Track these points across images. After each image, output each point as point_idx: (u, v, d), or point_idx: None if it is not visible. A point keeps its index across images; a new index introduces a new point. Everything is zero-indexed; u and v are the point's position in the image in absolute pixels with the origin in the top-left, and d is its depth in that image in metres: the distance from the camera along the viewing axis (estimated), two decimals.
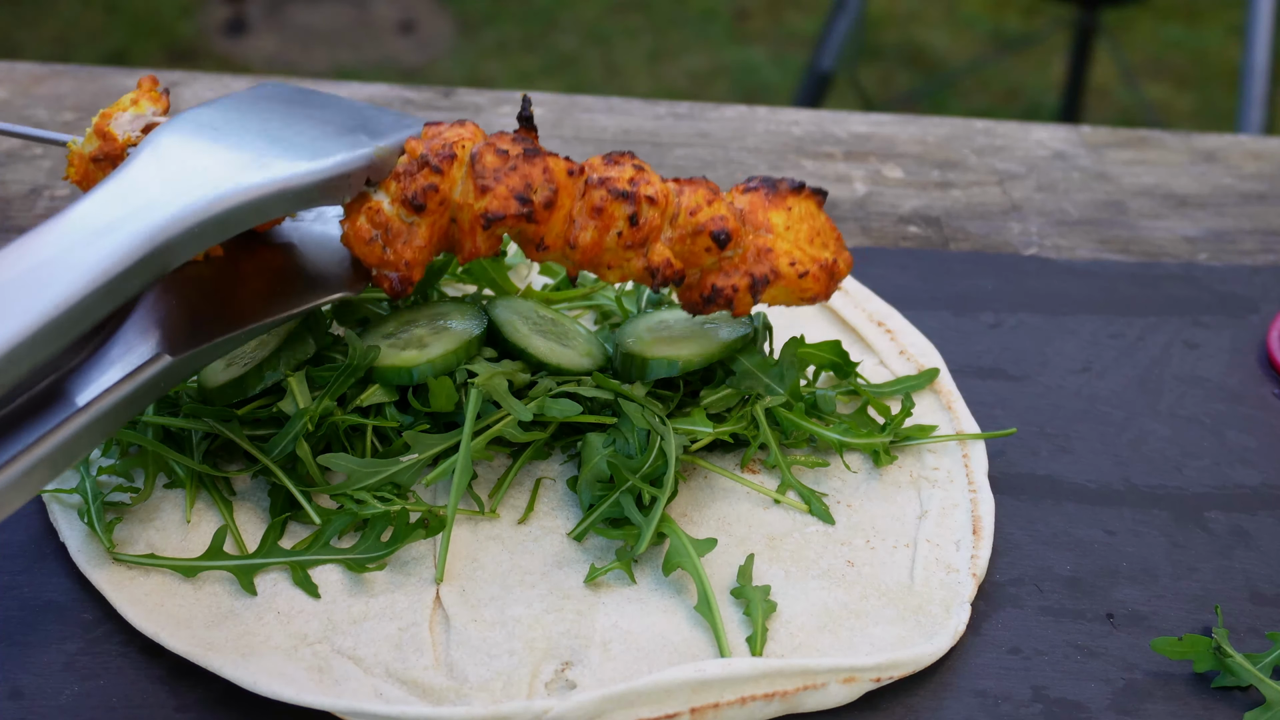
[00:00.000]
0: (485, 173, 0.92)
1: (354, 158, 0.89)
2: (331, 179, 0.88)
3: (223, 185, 0.83)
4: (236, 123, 0.90)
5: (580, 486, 0.95)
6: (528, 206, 0.92)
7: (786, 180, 1.00)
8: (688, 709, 0.83)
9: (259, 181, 0.84)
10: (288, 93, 0.97)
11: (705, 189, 0.96)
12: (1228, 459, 1.08)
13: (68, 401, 0.80)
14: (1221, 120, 3.48)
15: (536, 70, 3.54)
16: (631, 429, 0.95)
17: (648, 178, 0.94)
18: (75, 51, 3.41)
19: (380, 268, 0.93)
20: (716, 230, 0.95)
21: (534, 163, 0.92)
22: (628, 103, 1.46)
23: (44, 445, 0.77)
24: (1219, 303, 1.24)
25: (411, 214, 0.91)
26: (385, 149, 0.91)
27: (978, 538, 0.96)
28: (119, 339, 0.85)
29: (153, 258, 0.78)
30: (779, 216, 0.99)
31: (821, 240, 1.00)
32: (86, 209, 0.79)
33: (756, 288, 0.97)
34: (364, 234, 0.92)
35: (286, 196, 0.86)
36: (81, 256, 0.76)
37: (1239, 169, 1.45)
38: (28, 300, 0.73)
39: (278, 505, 0.93)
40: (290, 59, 3.49)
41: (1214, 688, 0.90)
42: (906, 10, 3.93)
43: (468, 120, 0.95)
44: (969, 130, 1.47)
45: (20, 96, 1.37)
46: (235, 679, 0.82)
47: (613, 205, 0.93)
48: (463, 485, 0.91)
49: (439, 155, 0.91)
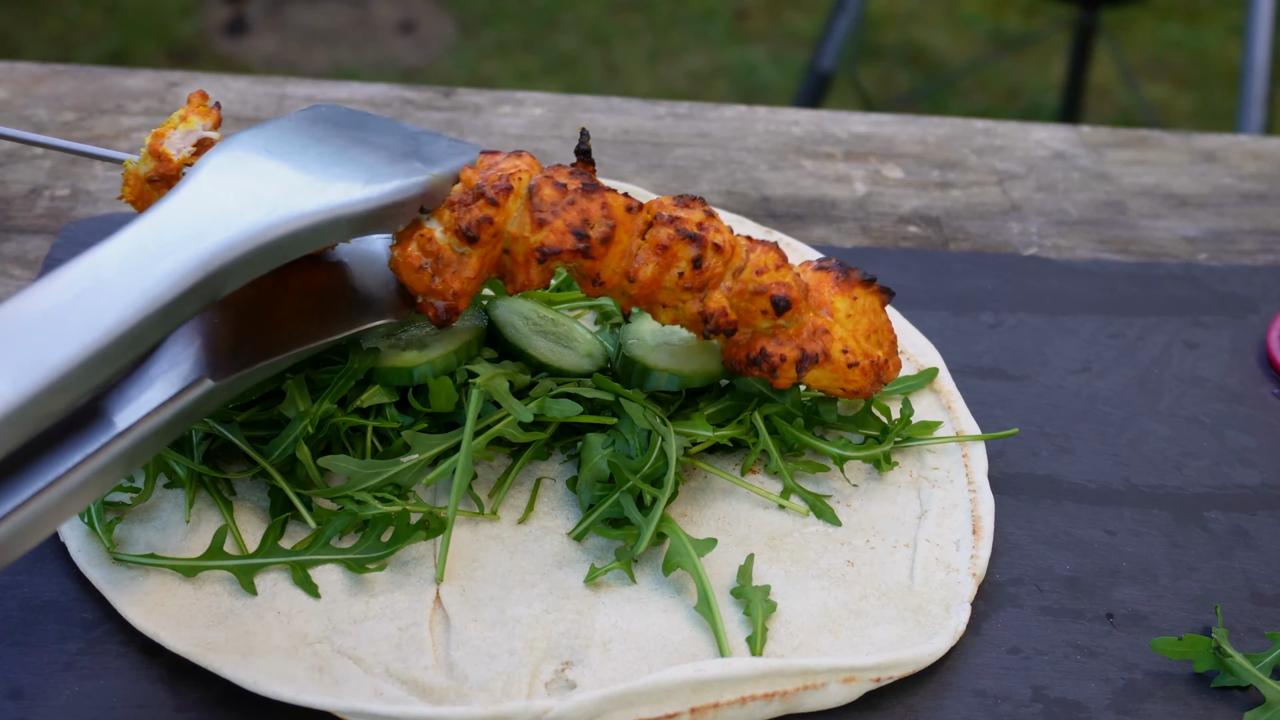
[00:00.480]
0: (543, 206, 0.91)
1: (409, 185, 0.88)
2: (387, 206, 0.87)
3: (278, 211, 0.82)
4: (291, 145, 0.89)
5: (580, 487, 0.95)
6: (585, 242, 0.91)
7: (859, 271, 1.00)
8: (688, 709, 0.83)
9: (314, 208, 0.83)
10: (342, 115, 0.96)
11: (776, 254, 0.96)
12: (1228, 459, 1.08)
13: (107, 422, 0.79)
14: (1221, 120, 3.48)
15: (536, 70, 3.54)
16: (632, 430, 0.95)
17: (717, 225, 0.94)
18: (75, 51, 3.41)
19: (427, 295, 0.92)
20: (778, 295, 0.94)
21: (592, 198, 0.92)
22: (628, 103, 1.46)
23: (83, 470, 0.76)
24: (1219, 303, 1.24)
25: (464, 244, 0.90)
26: (440, 177, 0.90)
27: (978, 538, 0.96)
28: (160, 355, 0.84)
29: (206, 283, 0.78)
30: (843, 303, 0.98)
31: (877, 339, 1.00)
32: (141, 232, 0.78)
33: (804, 364, 0.97)
34: (414, 261, 0.90)
35: (341, 223, 0.85)
36: (136, 281, 0.75)
37: (1239, 169, 1.45)
38: (81, 325, 0.72)
39: (277, 506, 0.93)
40: (290, 59, 3.49)
41: (1214, 688, 0.90)
42: (906, 10, 3.93)
43: (524, 151, 0.94)
44: (969, 130, 1.47)
45: (20, 96, 1.37)
46: (235, 679, 0.82)
47: (678, 245, 0.93)
48: (463, 486, 0.91)
49: (495, 187, 0.90)
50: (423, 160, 0.91)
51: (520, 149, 1.36)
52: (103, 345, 0.72)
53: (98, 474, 0.77)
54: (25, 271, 1.15)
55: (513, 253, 0.92)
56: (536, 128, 1.40)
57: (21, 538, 0.74)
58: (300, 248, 0.83)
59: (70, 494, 0.76)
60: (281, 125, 0.92)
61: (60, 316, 0.72)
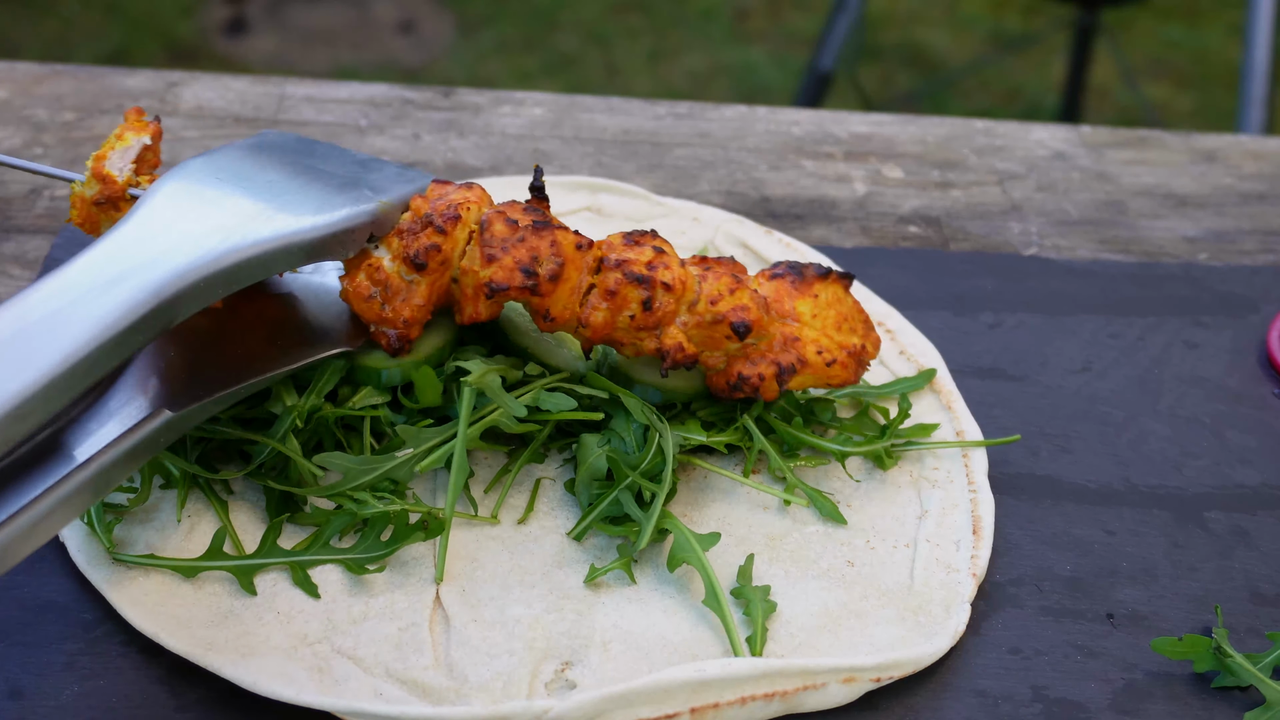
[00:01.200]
0: (493, 242, 0.92)
1: (358, 212, 0.89)
2: (336, 234, 0.88)
3: (229, 239, 0.82)
4: (241, 172, 0.90)
5: (578, 487, 0.95)
6: (532, 279, 0.92)
7: (813, 267, 1.01)
8: (688, 709, 0.83)
9: (265, 235, 0.84)
10: (291, 142, 0.97)
11: (729, 276, 0.96)
12: (1228, 459, 1.08)
13: (66, 455, 0.79)
14: (1221, 120, 3.48)
15: (536, 70, 3.54)
16: (627, 427, 0.95)
17: (667, 261, 0.94)
18: (75, 51, 3.41)
19: (378, 324, 0.93)
20: (737, 321, 0.95)
21: (542, 235, 0.93)
22: (628, 103, 1.46)
23: (44, 502, 0.76)
24: (1219, 303, 1.24)
25: (412, 272, 0.91)
26: (389, 204, 0.91)
27: (978, 538, 0.96)
28: (118, 389, 0.85)
29: (159, 312, 0.78)
30: (805, 305, 0.99)
31: (849, 325, 1.00)
32: (91, 261, 0.79)
33: (783, 376, 0.97)
34: (363, 291, 0.92)
35: (292, 251, 0.85)
36: (87, 311, 0.76)
37: (1239, 169, 1.45)
38: (33, 355, 0.72)
39: (273, 506, 0.93)
40: (290, 59, 3.49)
41: (1214, 688, 0.90)
42: (906, 10, 3.93)
43: (475, 183, 0.95)
44: (969, 130, 1.47)
45: (20, 96, 1.37)
46: (235, 679, 0.82)
47: (627, 289, 0.93)
48: (459, 483, 0.91)
49: (444, 215, 0.91)
50: (371, 187, 0.93)
51: (523, 144, 1.36)
52: (57, 374, 0.73)
53: (60, 505, 0.77)
54: (25, 271, 1.15)
55: (462, 284, 0.93)
56: (536, 128, 1.40)
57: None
58: (252, 275, 0.84)
59: (34, 525, 0.76)
60: (231, 152, 0.93)
61: (14, 345, 0.73)
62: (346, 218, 0.89)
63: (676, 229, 1.22)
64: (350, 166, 0.95)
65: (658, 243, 0.95)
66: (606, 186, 1.25)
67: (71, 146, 1.31)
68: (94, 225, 0.95)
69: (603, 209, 1.23)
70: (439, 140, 1.36)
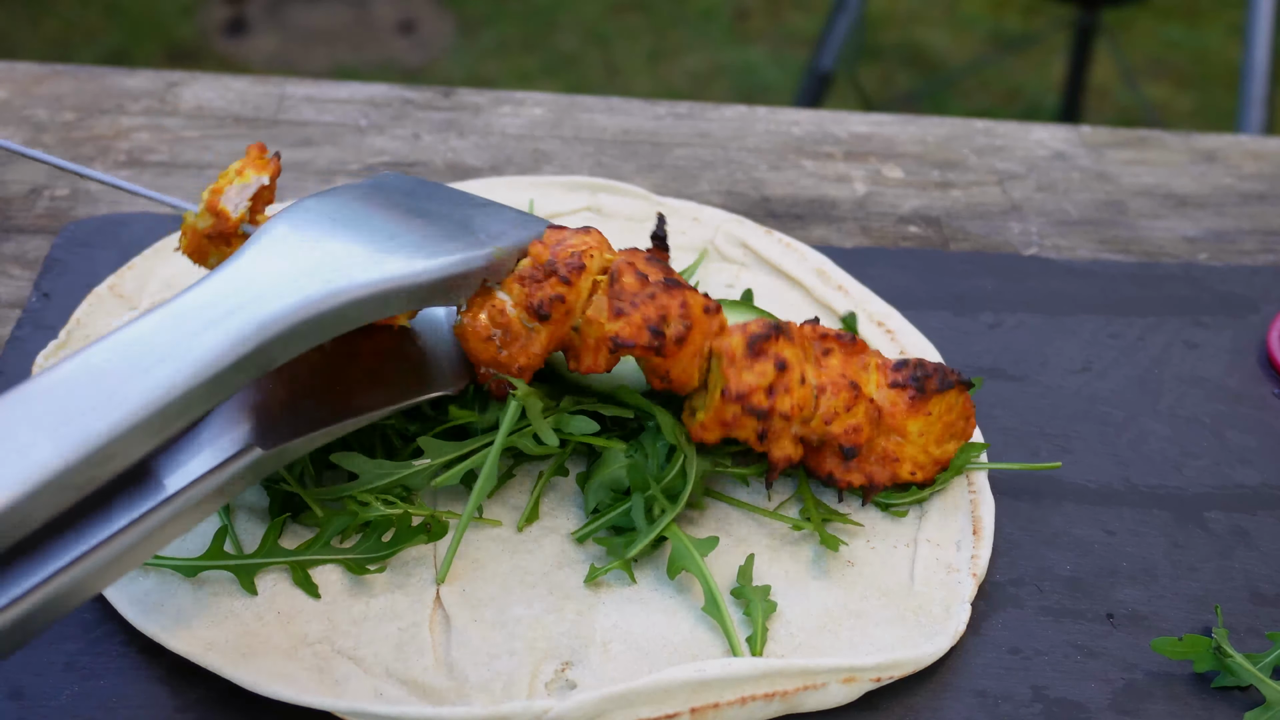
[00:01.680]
0: (622, 295, 0.91)
1: (472, 258, 0.88)
2: (447, 278, 0.86)
3: (335, 282, 0.81)
4: (353, 215, 0.88)
5: (589, 487, 0.94)
6: (659, 340, 0.91)
7: (936, 378, 0.98)
8: (688, 709, 0.83)
9: (371, 279, 0.82)
10: (407, 184, 0.96)
11: (847, 389, 0.94)
12: (1228, 459, 1.08)
13: (157, 485, 0.78)
14: (1221, 120, 3.48)
15: (536, 70, 3.54)
16: (654, 445, 0.95)
17: (788, 383, 0.93)
18: (75, 51, 3.41)
19: (492, 367, 0.91)
20: (847, 446, 0.94)
21: (673, 294, 0.91)
22: (628, 103, 1.46)
23: (129, 534, 0.75)
24: (1219, 303, 1.24)
25: (534, 320, 0.90)
26: (504, 250, 0.89)
27: (978, 538, 0.96)
28: (211, 420, 0.83)
29: (258, 353, 0.77)
30: (916, 425, 0.97)
31: (952, 431, 0.99)
32: (194, 299, 0.78)
33: (870, 491, 0.97)
34: (483, 332, 0.90)
35: (400, 295, 0.84)
36: (186, 350, 0.74)
37: (1239, 169, 1.45)
38: (129, 392, 0.71)
39: (275, 506, 0.93)
40: (290, 59, 3.49)
41: (1214, 688, 0.90)
42: (906, 10, 3.93)
43: (593, 228, 0.94)
44: (969, 130, 1.47)
45: (20, 96, 1.37)
46: (235, 679, 0.82)
47: (745, 419, 0.92)
48: (484, 492, 0.90)
49: (568, 265, 0.90)
50: (487, 233, 0.91)
51: (523, 144, 1.36)
52: (149, 414, 0.71)
53: (144, 539, 0.76)
54: (25, 271, 1.15)
55: (583, 333, 0.92)
56: (536, 128, 1.40)
57: (65, 599, 0.73)
58: (356, 319, 0.82)
59: (116, 557, 0.75)
60: (345, 194, 0.91)
61: (108, 382, 0.71)
62: (458, 263, 0.87)
63: (676, 229, 1.22)
64: (466, 209, 0.93)
65: (783, 354, 0.93)
66: (606, 187, 1.25)
67: (72, 146, 1.31)
68: (202, 255, 0.94)
69: (603, 209, 1.23)
70: (439, 140, 1.36)
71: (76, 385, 0.71)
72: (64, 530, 0.74)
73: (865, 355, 0.97)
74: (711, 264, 1.19)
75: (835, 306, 1.15)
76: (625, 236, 1.20)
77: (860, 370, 0.97)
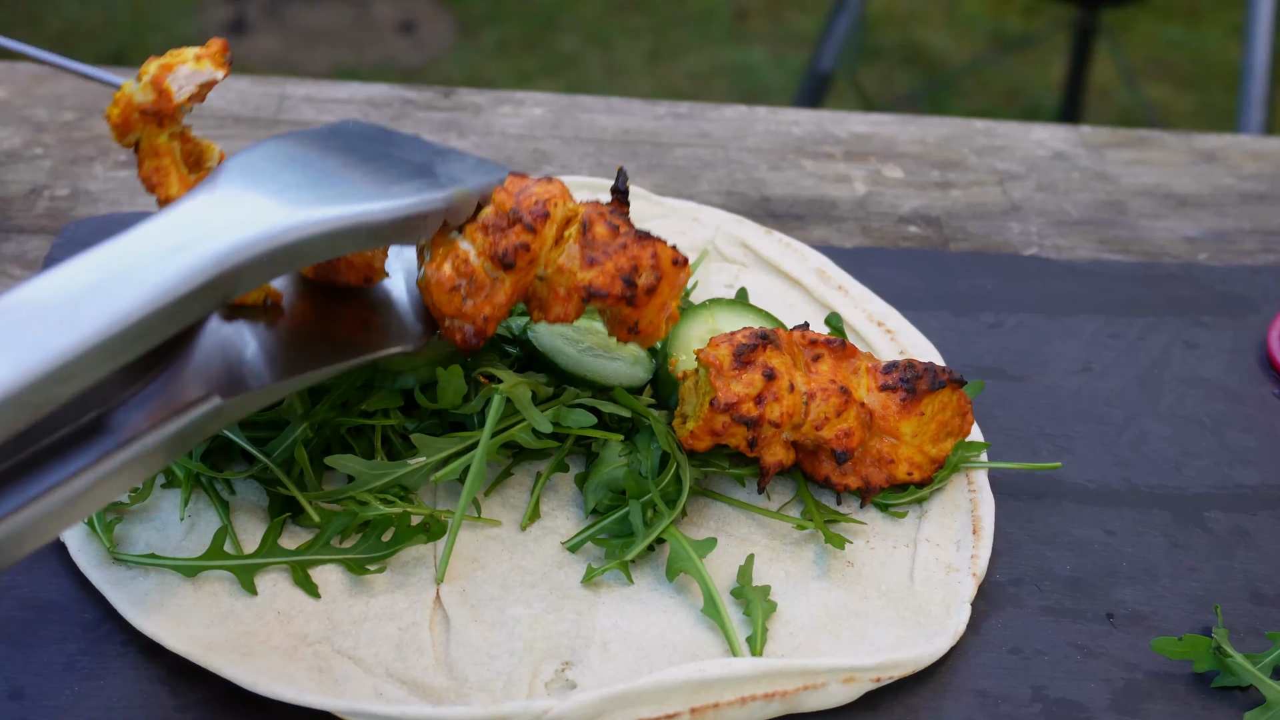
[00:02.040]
0: (595, 244, 0.91)
1: (432, 199, 0.88)
2: (407, 218, 0.86)
3: (294, 216, 0.81)
4: (315, 155, 0.89)
5: (590, 486, 0.94)
6: (631, 290, 0.91)
7: (927, 377, 0.98)
8: (688, 709, 0.83)
9: (329, 216, 0.83)
10: (370, 131, 0.96)
11: (837, 395, 0.94)
12: (1228, 459, 1.08)
13: (111, 434, 0.78)
14: (1221, 120, 3.48)
15: (536, 70, 3.54)
16: (647, 448, 0.95)
17: (777, 391, 0.93)
18: (75, 51, 3.41)
19: (456, 319, 0.91)
20: (839, 450, 0.95)
21: (644, 245, 0.92)
22: (628, 103, 1.46)
23: (84, 477, 0.75)
24: (1219, 303, 1.24)
25: (498, 269, 0.89)
26: (465, 192, 0.89)
27: (978, 538, 0.96)
28: (173, 375, 0.83)
29: (218, 282, 0.77)
30: (909, 425, 0.97)
31: (948, 429, 0.99)
32: (155, 228, 0.78)
33: (867, 493, 0.97)
34: (448, 282, 0.90)
35: (357, 232, 0.84)
36: (147, 275, 0.74)
37: (1239, 169, 1.45)
38: (88, 315, 0.71)
39: (275, 507, 0.93)
40: (290, 59, 3.49)
41: (1214, 688, 0.90)
42: (906, 10, 3.93)
43: (555, 178, 0.93)
44: (969, 130, 1.47)
45: (20, 96, 1.37)
46: (235, 679, 0.82)
47: (734, 428, 0.92)
48: (474, 490, 0.90)
49: (532, 213, 0.89)
50: (447, 176, 0.91)
51: (523, 144, 1.36)
52: (108, 336, 0.71)
53: (99, 482, 0.76)
54: (25, 271, 1.15)
55: (552, 284, 0.91)
56: (536, 128, 1.40)
57: (20, 540, 0.73)
58: (315, 254, 0.82)
59: (71, 500, 0.75)
60: (305, 136, 0.92)
61: (68, 305, 0.72)
62: (417, 204, 0.87)
63: (676, 229, 1.22)
64: (427, 155, 0.94)
65: (770, 362, 0.93)
66: (607, 187, 1.25)
67: (72, 146, 1.31)
68: (126, 130, 0.90)
69: None
70: (439, 140, 1.36)
71: (37, 306, 0.72)
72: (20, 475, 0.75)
73: (855, 359, 0.98)
74: (711, 264, 1.19)
75: (835, 306, 1.15)
76: None
77: (850, 374, 0.97)
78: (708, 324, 1.03)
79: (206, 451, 0.95)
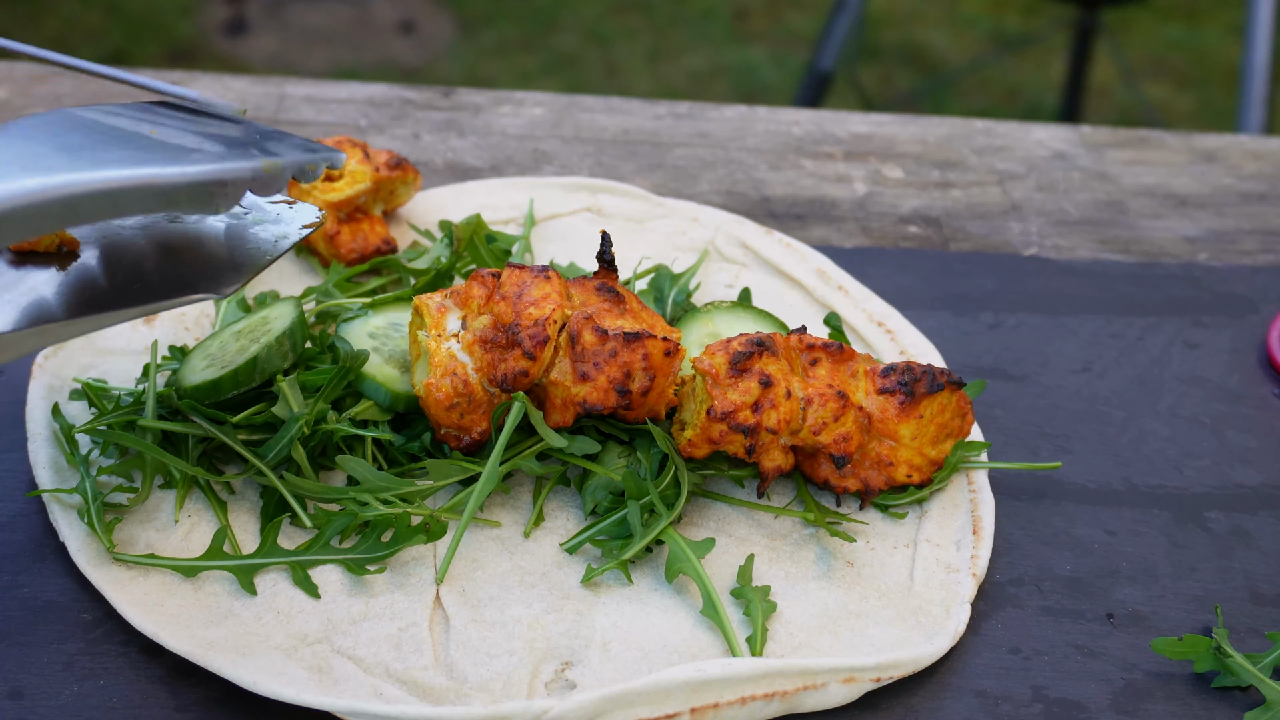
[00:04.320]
0: (585, 356, 0.91)
1: (235, 168, 0.87)
2: (202, 183, 0.85)
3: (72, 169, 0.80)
4: (119, 123, 0.88)
5: (590, 488, 0.94)
6: (626, 398, 0.92)
7: (925, 380, 0.97)
8: (687, 709, 0.83)
9: (118, 174, 0.81)
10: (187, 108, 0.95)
11: (835, 399, 0.94)
12: (1228, 459, 1.08)
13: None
14: (1221, 120, 3.48)
15: (536, 70, 3.54)
16: (647, 452, 0.95)
17: (774, 398, 0.92)
18: (75, 51, 3.40)
19: (451, 429, 0.93)
20: (838, 455, 0.95)
21: (633, 348, 0.92)
22: (628, 103, 1.46)
23: None
24: (1219, 303, 1.24)
25: (494, 386, 0.92)
26: (275, 165, 0.89)
27: (978, 538, 0.96)
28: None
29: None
30: (908, 429, 0.97)
31: (947, 431, 0.99)
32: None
33: (866, 495, 0.97)
34: (445, 400, 0.92)
35: (144, 192, 0.83)
36: None
37: (1239, 169, 1.45)
38: None
39: (270, 508, 0.93)
40: (290, 59, 3.49)
41: (1214, 688, 0.90)
42: (906, 10, 3.93)
43: (551, 270, 0.94)
44: (969, 130, 1.47)
45: (20, 96, 1.37)
46: (235, 679, 0.82)
47: (731, 435, 0.92)
48: (483, 496, 0.90)
49: (533, 339, 0.91)
50: (264, 151, 0.90)
51: (523, 144, 1.36)
52: None
53: None
54: None
55: (549, 393, 0.93)
56: (536, 128, 1.40)
57: None
58: (99, 211, 0.81)
59: None
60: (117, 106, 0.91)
61: None
62: (213, 171, 0.86)
63: (676, 229, 1.22)
64: (250, 133, 0.93)
65: (767, 370, 0.93)
66: (606, 187, 1.25)
67: None
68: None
69: (602, 209, 1.23)
70: (439, 140, 1.36)
71: None
72: None
73: (853, 362, 0.97)
74: (712, 264, 1.19)
75: (835, 307, 1.15)
76: (625, 236, 1.20)
77: (848, 378, 0.97)
78: (706, 328, 1.03)
79: (204, 453, 0.95)
